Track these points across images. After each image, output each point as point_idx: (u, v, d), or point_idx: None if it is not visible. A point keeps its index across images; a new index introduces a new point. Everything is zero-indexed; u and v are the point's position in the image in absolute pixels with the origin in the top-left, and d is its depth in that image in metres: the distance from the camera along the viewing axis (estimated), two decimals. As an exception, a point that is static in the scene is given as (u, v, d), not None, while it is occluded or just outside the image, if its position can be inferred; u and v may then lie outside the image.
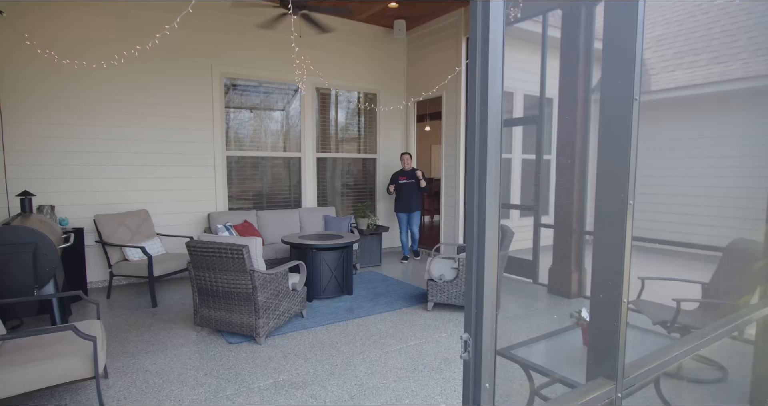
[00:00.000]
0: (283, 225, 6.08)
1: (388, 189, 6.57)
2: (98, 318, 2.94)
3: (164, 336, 3.74)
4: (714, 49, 6.68)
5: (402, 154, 6.54)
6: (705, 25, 7.43)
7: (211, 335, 3.77)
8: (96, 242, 4.86)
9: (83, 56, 4.77)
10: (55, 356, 2.36)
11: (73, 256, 4.62)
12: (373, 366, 3.21)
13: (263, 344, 3.57)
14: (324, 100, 6.85)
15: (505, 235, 4.33)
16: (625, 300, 1.32)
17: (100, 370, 2.46)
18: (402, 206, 6.55)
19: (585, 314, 2.45)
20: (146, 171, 5.44)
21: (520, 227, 4.60)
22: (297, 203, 6.66)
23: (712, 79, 6.18)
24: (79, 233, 4.70)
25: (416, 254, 6.83)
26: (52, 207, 4.65)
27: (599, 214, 1.34)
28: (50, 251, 3.08)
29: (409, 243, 6.76)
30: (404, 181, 6.47)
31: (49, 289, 3.19)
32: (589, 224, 4.87)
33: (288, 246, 5.30)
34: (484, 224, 0.95)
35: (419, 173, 6.35)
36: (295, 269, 4.38)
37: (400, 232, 6.67)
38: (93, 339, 2.36)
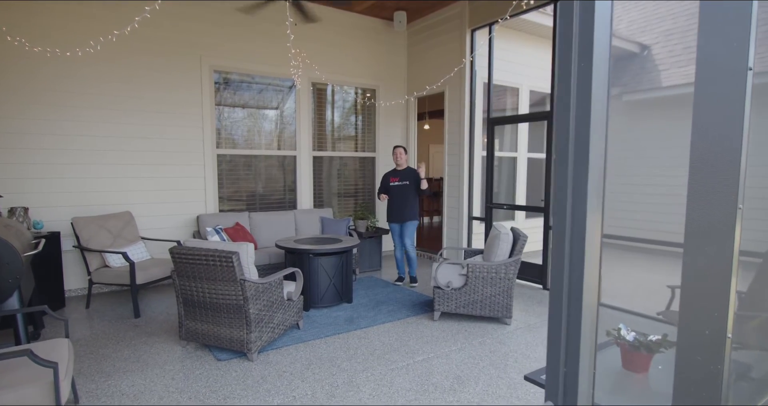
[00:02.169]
0: (278, 227, 5.73)
1: (378, 195, 5.37)
2: (66, 336, 2.59)
3: (145, 352, 3.39)
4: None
5: (394, 148, 5.28)
6: (716, 19, 7.14)
7: (198, 351, 3.42)
8: (74, 246, 4.48)
9: (56, 44, 4.39)
10: (9, 387, 2.01)
11: (49, 262, 4.26)
12: (378, 386, 2.88)
13: (255, 361, 3.23)
14: (320, 95, 6.51)
15: (518, 238, 4.02)
16: (730, 336, 1.01)
17: (64, 400, 2.10)
18: (393, 214, 5.22)
19: (624, 332, 2.14)
20: (130, 170, 5.07)
21: (526, 228, 4.30)
22: (292, 204, 6.31)
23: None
24: (55, 237, 4.33)
25: (413, 280, 5.35)
26: (26, 209, 4.27)
27: (692, 222, 1.03)
28: (13, 260, 2.71)
29: (406, 267, 5.44)
30: (396, 183, 5.18)
31: (14, 302, 2.83)
32: (607, 226, 4.56)
33: (282, 251, 4.95)
34: (583, 246, 0.63)
35: (422, 171, 4.99)
36: (291, 276, 4.04)
37: (394, 247, 5.39)
38: (54, 366, 2.01)
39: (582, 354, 0.65)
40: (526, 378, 2.11)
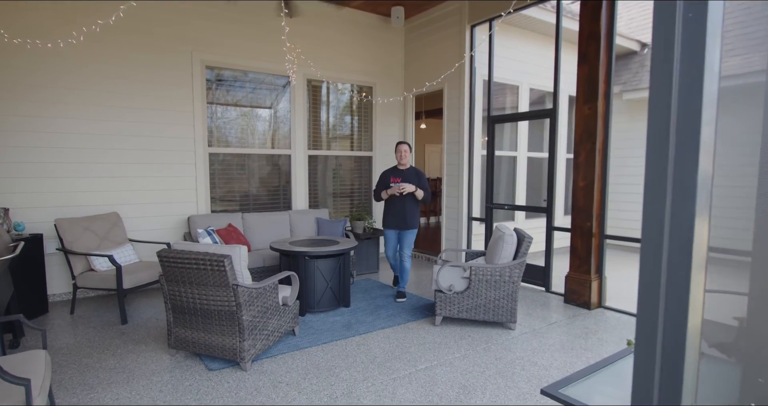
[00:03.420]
0: (272, 229, 5.54)
1: (377, 195, 4.71)
2: (44, 347, 2.40)
3: (132, 362, 3.19)
4: (728, 41, 6.31)
5: (397, 144, 4.71)
6: (716, 17, 7.07)
7: (188, 360, 3.23)
8: (57, 249, 4.27)
9: (38, 36, 4.17)
10: (-24, 406, 1.82)
11: (32, 266, 4.05)
12: (380, 398, 2.71)
13: (249, 371, 3.05)
14: (316, 93, 6.34)
15: (522, 240, 3.88)
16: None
17: (38, 420, 1.92)
18: (391, 219, 4.65)
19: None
20: (118, 169, 4.86)
21: (526, 229, 4.16)
22: (287, 205, 6.13)
23: (730, 72, 5.82)
24: (37, 239, 4.12)
25: (402, 295, 4.69)
26: (6, 210, 4.06)
27: (763, 225, 0.88)
28: (-13, 265, 2.52)
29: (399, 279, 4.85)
30: (398, 183, 4.65)
31: (-12, 310, 2.63)
32: (610, 227, 4.44)
33: (277, 253, 4.77)
34: (690, 260, 0.47)
35: (410, 188, 4.44)
36: (286, 280, 3.87)
37: (386, 255, 4.89)
38: (26, 384, 1.83)
39: (684, 395, 0.50)
40: (543, 393, 1.94)
